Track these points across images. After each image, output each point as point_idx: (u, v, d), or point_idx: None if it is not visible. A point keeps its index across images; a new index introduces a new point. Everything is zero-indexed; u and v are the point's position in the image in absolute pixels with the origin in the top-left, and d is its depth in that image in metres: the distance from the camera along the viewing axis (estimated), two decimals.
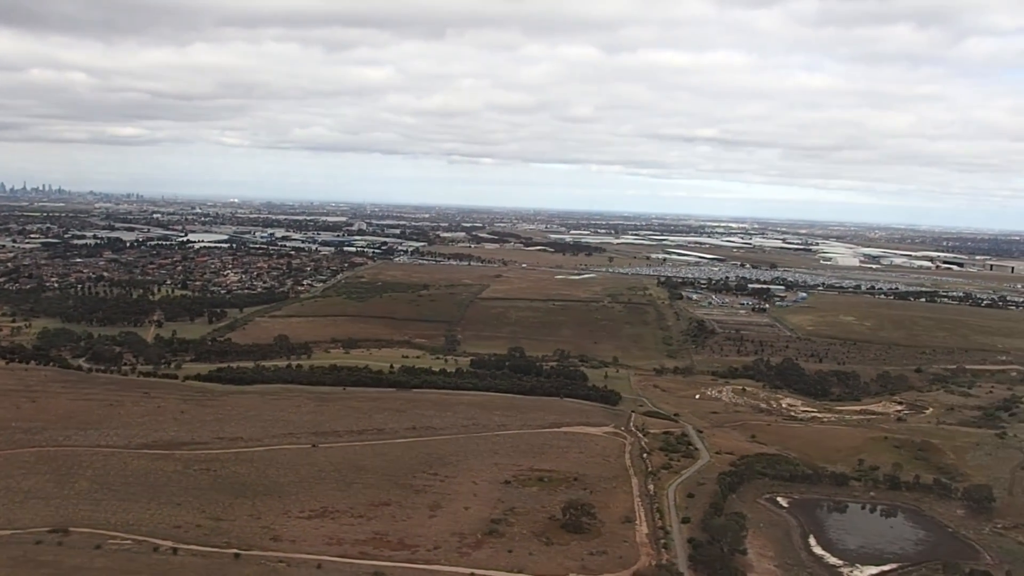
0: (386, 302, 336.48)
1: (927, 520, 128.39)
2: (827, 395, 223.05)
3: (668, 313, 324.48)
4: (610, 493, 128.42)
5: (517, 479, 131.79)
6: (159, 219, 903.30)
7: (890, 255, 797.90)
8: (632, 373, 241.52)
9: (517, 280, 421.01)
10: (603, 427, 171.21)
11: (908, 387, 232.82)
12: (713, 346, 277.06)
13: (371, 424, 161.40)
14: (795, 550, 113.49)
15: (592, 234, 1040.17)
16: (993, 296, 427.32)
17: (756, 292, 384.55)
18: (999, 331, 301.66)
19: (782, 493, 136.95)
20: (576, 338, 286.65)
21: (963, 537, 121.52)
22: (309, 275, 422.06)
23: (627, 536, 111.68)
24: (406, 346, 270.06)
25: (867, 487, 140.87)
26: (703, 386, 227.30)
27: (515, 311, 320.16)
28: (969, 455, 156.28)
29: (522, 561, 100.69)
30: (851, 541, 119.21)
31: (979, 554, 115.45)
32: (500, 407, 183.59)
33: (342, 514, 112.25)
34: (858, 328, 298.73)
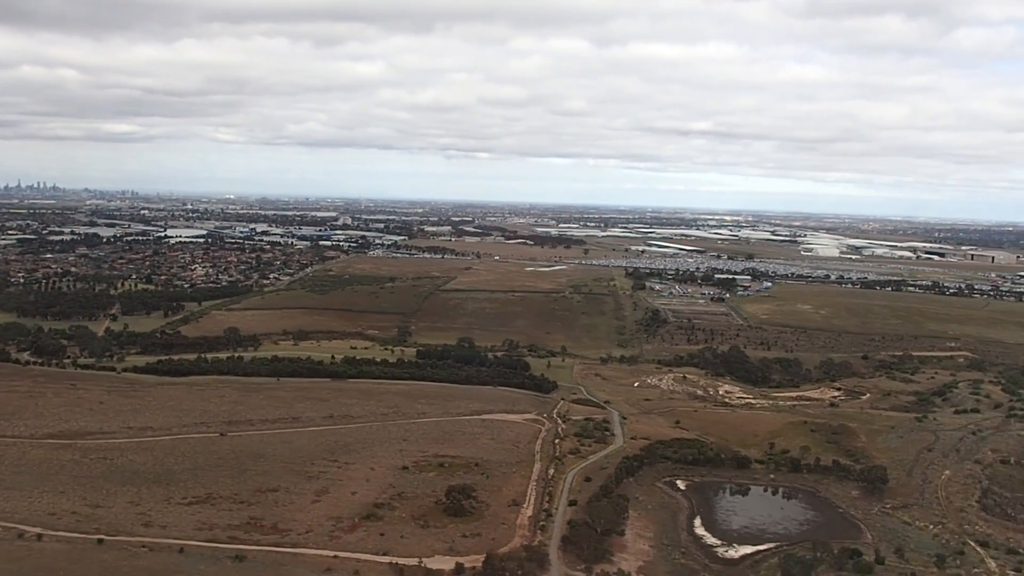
0: (347, 295, 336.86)
1: (820, 501, 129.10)
2: (767, 382, 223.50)
3: (626, 303, 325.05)
4: (507, 478, 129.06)
5: (417, 465, 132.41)
6: (146, 215, 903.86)
7: (873, 246, 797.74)
8: (577, 362, 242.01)
9: (485, 272, 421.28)
10: (525, 414, 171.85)
11: (851, 373, 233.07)
12: (664, 335, 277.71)
13: (290, 413, 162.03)
14: (676, 531, 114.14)
15: (581, 227, 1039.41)
16: (960, 284, 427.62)
17: (721, 282, 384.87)
18: (954, 318, 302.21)
19: (683, 476, 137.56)
20: (530, 328, 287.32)
21: (851, 517, 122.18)
22: (277, 269, 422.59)
23: (508, 519, 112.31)
24: (358, 337, 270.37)
25: (769, 470, 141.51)
26: (645, 374, 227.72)
27: (473, 303, 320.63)
28: (881, 438, 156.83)
29: (390, 544, 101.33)
30: (737, 522, 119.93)
31: (862, 533, 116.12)
32: (428, 396, 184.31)
33: (224, 500, 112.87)
34: (813, 316, 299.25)
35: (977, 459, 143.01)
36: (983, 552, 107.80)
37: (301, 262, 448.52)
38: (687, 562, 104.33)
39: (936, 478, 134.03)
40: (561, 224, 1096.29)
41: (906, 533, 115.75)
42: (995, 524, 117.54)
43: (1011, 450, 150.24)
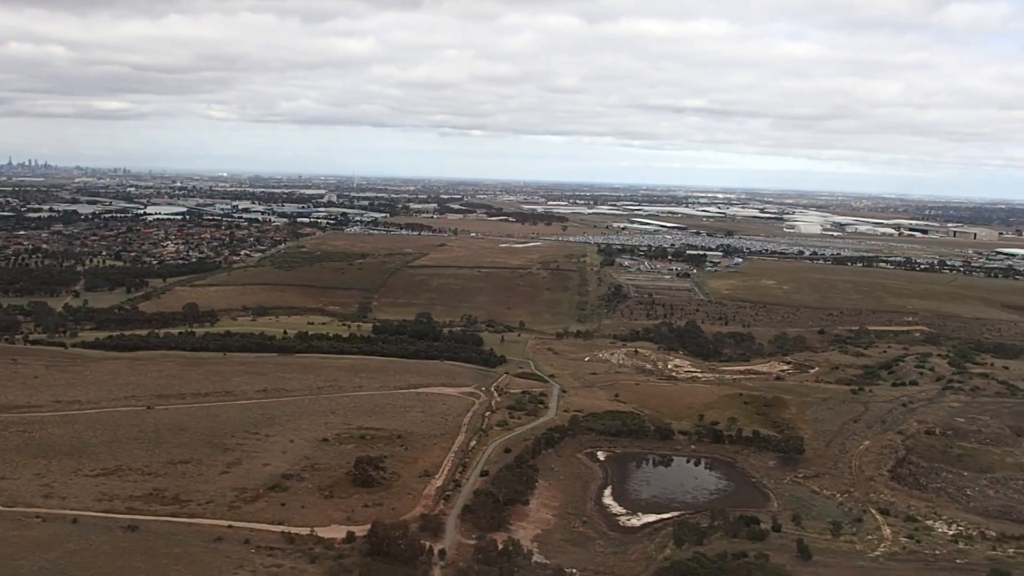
0: (314, 271, 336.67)
1: (736, 471, 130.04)
2: (718, 356, 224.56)
3: (592, 279, 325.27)
4: (426, 449, 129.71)
5: (338, 437, 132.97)
6: (132, 193, 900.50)
7: (858, 223, 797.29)
8: (533, 337, 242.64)
9: (459, 249, 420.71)
10: (463, 388, 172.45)
11: (805, 348, 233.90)
12: (624, 310, 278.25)
13: (225, 387, 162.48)
14: (584, 500, 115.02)
15: (570, 205, 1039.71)
16: (933, 260, 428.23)
17: (691, 258, 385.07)
18: (916, 293, 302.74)
19: (605, 447, 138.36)
20: (491, 304, 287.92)
21: (762, 486, 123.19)
22: (250, 246, 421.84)
23: (416, 489, 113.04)
24: (318, 313, 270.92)
25: (691, 441, 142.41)
26: (599, 349, 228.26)
27: (438, 279, 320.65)
28: (811, 410, 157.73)
29: (289, 514, 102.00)
30: (647, 492, 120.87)
31: (770, 501, 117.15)
32: (370, 370, 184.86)
33: (133, 472, 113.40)
34: (775, 292, 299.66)
35: (900, 430, 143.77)
36: (882, 519, 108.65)
37: (275, 239, 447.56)
38: (585, 530, 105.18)
39: (854, 448, 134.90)
40: (550, 201, 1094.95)
41: (812, 501, 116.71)
42: (901, 492, 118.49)
43: (937, 421, 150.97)
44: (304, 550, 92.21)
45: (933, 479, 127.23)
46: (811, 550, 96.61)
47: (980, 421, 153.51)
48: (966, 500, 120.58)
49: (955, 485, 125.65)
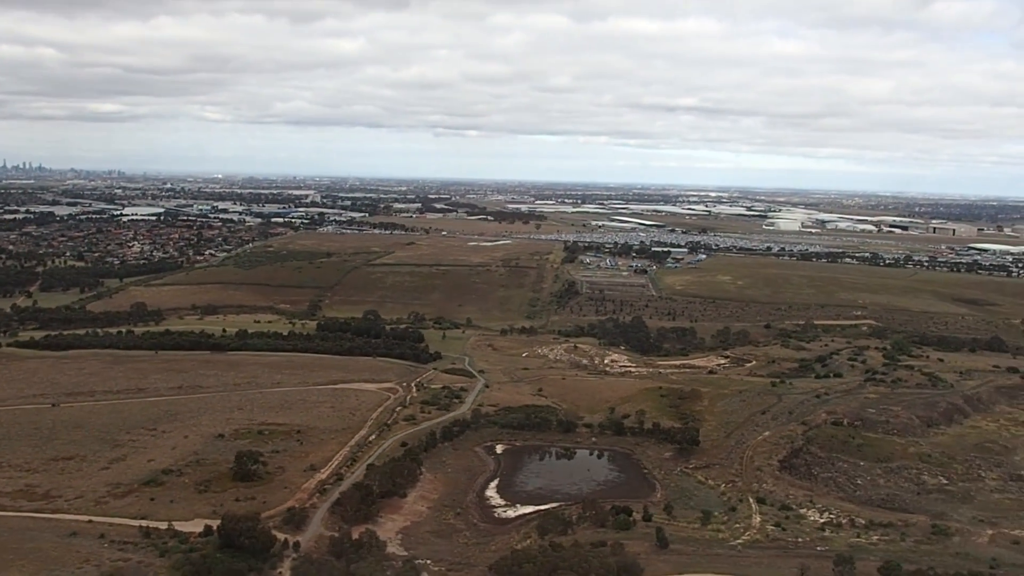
0: (273, 270, 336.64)
1: (631, 462, 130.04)
2: (658, 350, 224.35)
3: (548, 276, 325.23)
4: (322, 444, 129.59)
5: (236, 433, 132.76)
6: (119, 194, 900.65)
7: (839, 220, 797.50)
8: (477, 334, 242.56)
9: (425, 247, 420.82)
10: (384, 383, 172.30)
11: (747, 342, 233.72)
12: (574, 307, 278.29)
13: (140, 384, 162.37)
14: (465, 493, 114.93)
15: (557, 203, 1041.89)
16: (899, 256, 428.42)
17: (655, 255, 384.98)
18: (870, 288, 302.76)
19: (506, 441, 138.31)
20: (443, 301, 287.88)
21: (651, 477, 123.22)
22: (217, 245, 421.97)
23: (296, 483, 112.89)
24: (268, 312, 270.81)
25: (594, 433, 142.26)
26: (540, 344, 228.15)
27: (394, 276, 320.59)
28: (723, 403, 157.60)
29: (155, 509, 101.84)
30: (535, 484, 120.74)
31: (654, 491, 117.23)
32: (296, 366, 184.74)
33: (11, 469, 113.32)
34: (728, 287, 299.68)
35: (805, 421, 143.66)
36: (756, 508, 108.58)
37: (243, 239, 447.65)
38: (456, 522, 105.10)
39: (751, 439, 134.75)
40: (539, 201, 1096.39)
41: (696, 491, 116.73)
42: (785, 482, 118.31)
43: (847, 412, 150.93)
44: (158, 544, 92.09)
45: (827, 469, 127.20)
46: (670, 539, 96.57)
47: (891, 412, 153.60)
48: (852, 489, 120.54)
49: (847, 474, 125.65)
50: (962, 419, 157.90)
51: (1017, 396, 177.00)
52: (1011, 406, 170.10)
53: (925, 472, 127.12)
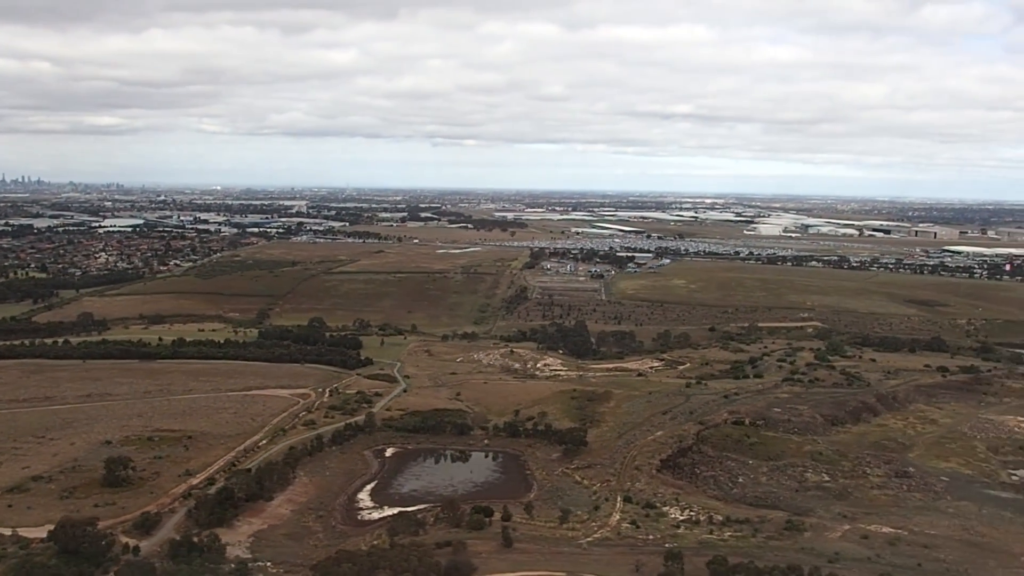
0: (231, 279, 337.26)
1: (516, 463, 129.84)
2: (594, 354, 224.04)
3: (504, 282, 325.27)
4: (208, 449, 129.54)
5: (126, 439, 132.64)
6: (109, 207, 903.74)
7: (821, 225, 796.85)
8: (418, 340, 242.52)
9: (393, 255, 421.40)
10: (300, 389, 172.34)
11: (687, 345, 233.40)
12: (522, 312, 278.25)
13: (49, 393, 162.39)
14: (336, 496, 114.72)
15: (547, 211, 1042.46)
16: (867, 259, 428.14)
17: (618, 260, 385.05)
18: (822, 290, 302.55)
19: (399, 444, 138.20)
20: (394, 308, 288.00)
21: (530, 477, 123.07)
22: (184, 255, 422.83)
23: (165, 488, 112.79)
24: (216, 320, 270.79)
25: (487, 435, 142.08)
26: (478, 350, 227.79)
27: (349, 284, 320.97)
28: (629, 404, 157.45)
29: (9, 516, 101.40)
30: (412, 486, 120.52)
31: (529, 491, 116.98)
32: (217, 373, 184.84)
33: None
34: (680, 291, 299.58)
35: (704, 420, 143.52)
36: (620, 506, 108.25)
37: (212, 249, 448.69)
38: (313, 525, 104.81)
39: (642, 439, 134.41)
40: (529, 209, 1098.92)
41: (569, 490, 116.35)
42: (659, 480, 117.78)
43: (751, 411, 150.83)
44: None
45: (712, 467, 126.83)
46: (519, 538, 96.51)
47: (796, 411, 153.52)
48: (730, 487, 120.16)
49: (730, 473, 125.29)
50: (871, 417, 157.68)
51: (936, 395, 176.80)
52: (928, 404, 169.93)
53: (810, 470, 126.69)
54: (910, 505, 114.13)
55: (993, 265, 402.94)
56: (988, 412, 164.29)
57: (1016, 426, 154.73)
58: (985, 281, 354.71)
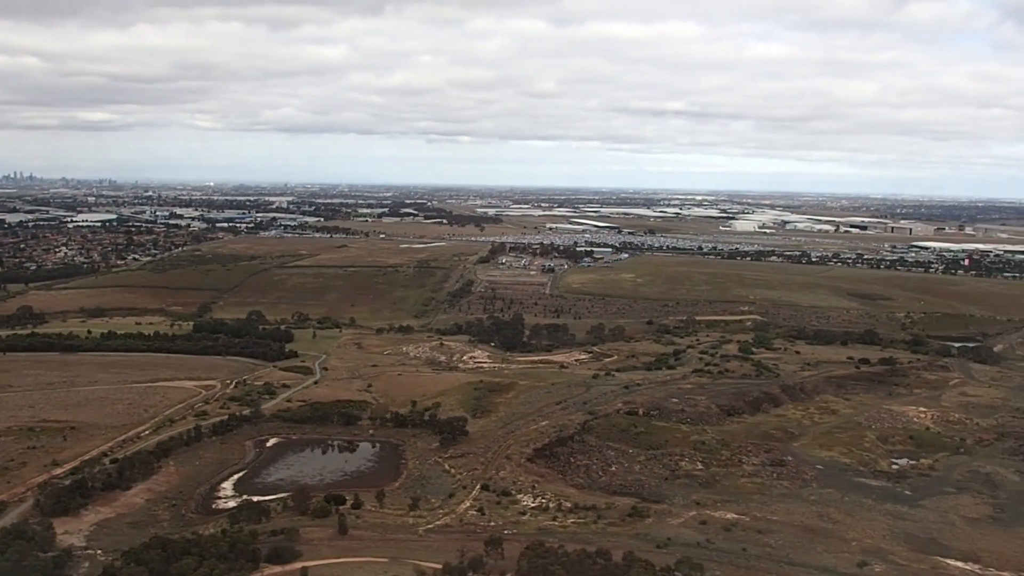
0: (184, 273, 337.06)
1: (394, 452, 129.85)
2: (524, 347, 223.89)
3: (454, 276, 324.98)
4: (86, 440, 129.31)
5: (7, 430, 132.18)
6: (92, 202, 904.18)
7: (799, 221, 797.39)
8: (353, 333, 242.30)
9: (354, 249, 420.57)
10: (208, 381, 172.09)
11: (620, 338, 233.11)
12: (464, 305, 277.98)
13: None
14: (198, 485, 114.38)
15: (532, 207, 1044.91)
16: (827, 253, 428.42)
17: (576, 255, 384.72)
18: (769, 283, 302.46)
19: (284, 434, 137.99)
20: (338, 301, 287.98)
21: (403, 466, 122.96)
22: (145, 249, 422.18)
23: (24, 478, 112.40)
24: (158, 314, 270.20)
25: (374, 425, 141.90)
26: (409, 343, 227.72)
27: (299, 278, 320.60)
28: (528, 395, 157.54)
29: None
30: (280, 475, 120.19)
31: (396, 479, 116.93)
32: (131, 366, 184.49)
33: None
34: (625, 285, 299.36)
35: (594, 410, 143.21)
36: (476, 494, 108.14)
37: (175, 243, 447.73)
38: (163, 514, 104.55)
39: (525, 428, 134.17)
40: (515, 204, 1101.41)
41: (434, 479, 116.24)
42: (524, 468, 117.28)
43: (647, 401, 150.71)
44: None
45: (589, 456, 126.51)
46: (359, 525, 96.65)
47: (693, 401, 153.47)
48: (600, 475, 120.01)
49: (605, 461, 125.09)
50: (771, 408, 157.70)
51: (847, 386, 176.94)
52: (836, 395, 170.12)
53: (687, 459, 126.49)
54: (774, 493, 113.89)
55: (952, 260, 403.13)
56: (893, 403, 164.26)
57: (915, 416, 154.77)
58: (938, 275, 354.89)
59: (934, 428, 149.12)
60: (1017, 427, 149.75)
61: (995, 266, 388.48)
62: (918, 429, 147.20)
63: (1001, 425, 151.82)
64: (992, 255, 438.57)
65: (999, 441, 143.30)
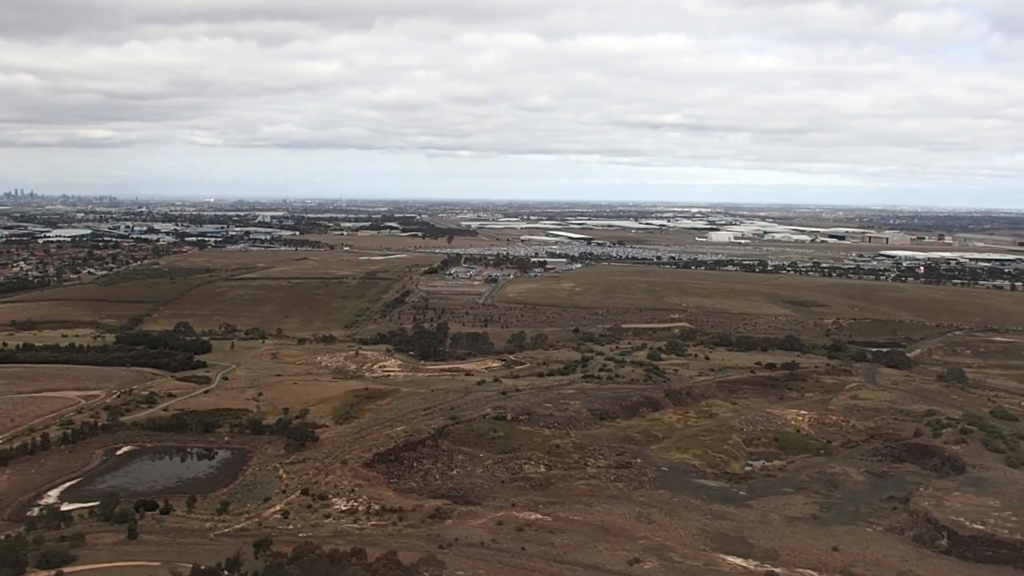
0: (131, 286, 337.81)
1: (240, 459, 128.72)
2: (441, 356, 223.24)
3: (396, 287, 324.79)
4: None
5: None
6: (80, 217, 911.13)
7: (778, 232, 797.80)
8: (274, 343, 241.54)
9: (313, 262, 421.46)
10: (93, 391, 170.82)
11: (539, 346, 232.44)
12: (395, 315, 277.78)
13: None
14: (23, 493, 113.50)
15: (521, 220, 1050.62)
16: (784, 263, 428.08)
17: (527, 265, 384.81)
18: (706, 291, 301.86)
19: (140, 442, 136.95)
20: (272, 312, 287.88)
21: (241, 472, 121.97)
22: (104, 263, 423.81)
23: None
24: (91, 326, 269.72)
25: (230, 432, 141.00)
26: (326, 353, 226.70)
27: (240, 290, 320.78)
28: (402, 401, 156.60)
29: None
30: (115, 483, 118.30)
31: (227, 486, 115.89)
32: (27, 377, 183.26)
33: None
34: (562, 294, 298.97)
35: (458, 416, 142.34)
36: (294, 498, 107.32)
37: (134, 257, 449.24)
38: None
39: (377, 434, 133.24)
40: (504, 218, 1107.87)
41: (263, 485, 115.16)
42: (354, 473, 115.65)
43: (519, 407, 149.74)
44: None
45: (435, 461, 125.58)
46: (148, 530, 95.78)
47: (567, 406, 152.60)
48: (433, 480, 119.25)
49: (448, 466, 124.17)
50: (648, 412, 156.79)
51: (739, 390, 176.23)
52: (725, 399, 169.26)
53: (533, 462, 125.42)
54: (605, 495, 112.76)
55: (907, 268, 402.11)
56: (778, 407, 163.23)
57: (793, 419, 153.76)
58: (886, 283, 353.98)
59: (806, 430, 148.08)
60: (892, 429, 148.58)
61: (949, 274, 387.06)
62: (788, 432, 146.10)
63: (878, 427, 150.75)
64: (953, 263, 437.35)
65: (867, 443, 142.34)
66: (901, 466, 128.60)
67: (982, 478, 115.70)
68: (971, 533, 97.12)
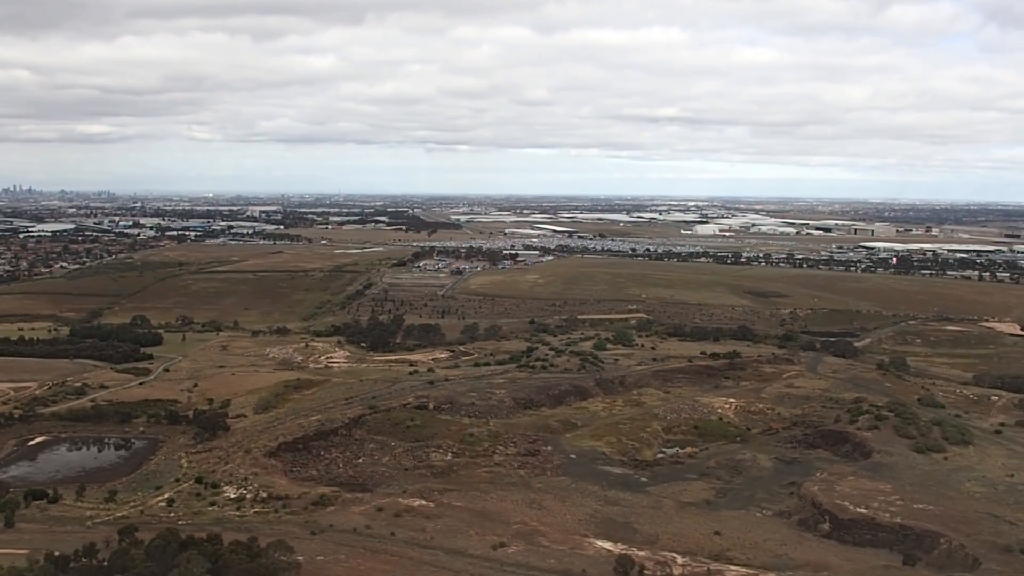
0: (98, 280, 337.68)
1: (150, 448, 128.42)
2: (391, 347, 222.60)
3: (361, 279, 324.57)
4: None
5: None
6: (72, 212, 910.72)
7: (763, 225, 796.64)
8: (228, 336, 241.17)
9: (287, 255, 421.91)
10: (26, 383, 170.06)
11: (492, 337, 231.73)
12: (354, 308, 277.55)
13: None
14: None
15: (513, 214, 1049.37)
16: (759, 254, 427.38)
17: (496, 257, 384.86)
18: (669, 282, 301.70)
19: (54, 432, 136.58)
20: (234, 305, 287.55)
21: (146, 462, 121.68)
22: (78, 257, 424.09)
23: None
24: (50, 319, 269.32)
25: (147, 423, 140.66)
26: (276, 344, 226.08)
27: (204, 283, 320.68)
28: (333, 389, 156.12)
29: None
30: (16, 473, 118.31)
31: (128, 476, 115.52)
32: None
33: None
34: (524, 286, 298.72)
35: (375, 404, 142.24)
36: (186, 486, 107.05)
37: (110, 251, 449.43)
38: None
39: (289, 423, 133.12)
40: (497, 212, 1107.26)
41: (164, 474, 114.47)
42: (254, 461, 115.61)
43: (442, 396, 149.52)
44: None
45: (343, 450, 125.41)
46: (29, 518, 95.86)
47: (491, 395, 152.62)
48: (336, 468, 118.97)
49: (356, 454, 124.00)
50: (575, 401, 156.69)
51: (673, 379, 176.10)
52: (658, 388, 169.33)
53: (441, 450, 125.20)
54: (504, 482, 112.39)
55: (881, 260, 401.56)
56: (709, 395, 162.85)
57: (720, 407, 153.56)
58: (852, 273, 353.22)
59: (729, 418, 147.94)
60: (817, 416, 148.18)
61: (921, 264, 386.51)
62: (711, 420, 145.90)
63: (804, 415, 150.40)
64: (929, 254, 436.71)
65: (788, 430, 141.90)
66: (813, 452, 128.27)
67: (882, 463, 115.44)
68: (852, 517, 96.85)
